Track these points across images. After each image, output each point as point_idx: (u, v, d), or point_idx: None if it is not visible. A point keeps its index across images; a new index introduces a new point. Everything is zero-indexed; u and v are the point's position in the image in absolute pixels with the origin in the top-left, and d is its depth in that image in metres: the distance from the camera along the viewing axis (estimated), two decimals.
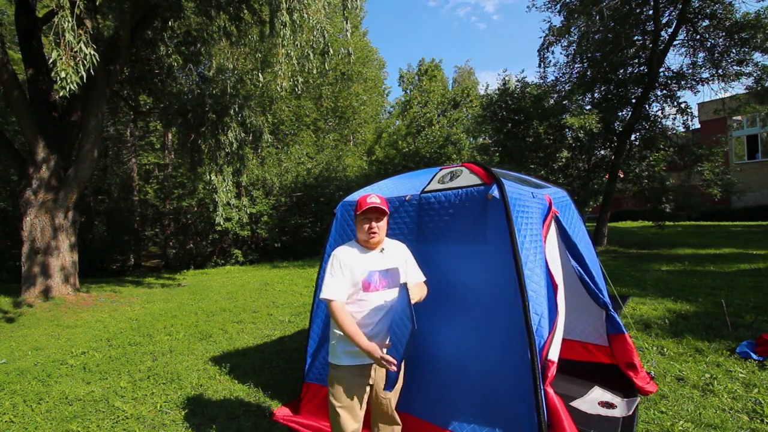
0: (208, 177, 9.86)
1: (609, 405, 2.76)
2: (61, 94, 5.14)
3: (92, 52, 5.32)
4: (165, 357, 4.31)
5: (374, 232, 1.99)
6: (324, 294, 1.92)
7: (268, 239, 14.53)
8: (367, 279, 1.96)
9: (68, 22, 5.01)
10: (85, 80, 5.36)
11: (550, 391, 1.98)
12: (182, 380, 3.65)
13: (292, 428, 2.73)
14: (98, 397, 3.40)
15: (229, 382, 3.57)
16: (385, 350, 1.82)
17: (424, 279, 2.16)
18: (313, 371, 2.86)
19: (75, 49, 5.16)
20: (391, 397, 2.06)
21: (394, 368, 1.75)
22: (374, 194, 2.05)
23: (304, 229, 15.07)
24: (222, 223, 10.55)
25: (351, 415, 1.96)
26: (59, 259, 7.46)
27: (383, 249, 2.06)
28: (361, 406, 1.98)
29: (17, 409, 3.24)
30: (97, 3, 6.49)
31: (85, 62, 5.25)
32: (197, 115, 9.36)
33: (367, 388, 2.00)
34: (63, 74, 5.03)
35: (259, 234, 14.16)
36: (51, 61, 5.11)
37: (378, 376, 2.02)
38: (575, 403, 2.81)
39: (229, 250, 14.15)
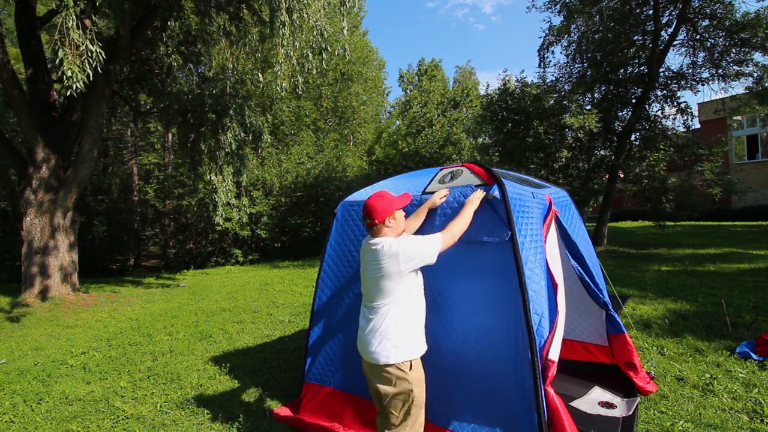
0: (208, 177, 9.86)
1: (609, 405, 2.76)
2: (68, 93, 5.13)
3: (98, 50, 5.31)
4: (165, 357, 4.31)
5: None
6: (436, 243, 1.95)
7: (268, 239, 14.52)
8: None
9: (72, 20, 5.01)
10: (91, 78, 5.35)
11: (550, 391, 1.98)
12: (182, 380, 3.65)
13: (292, 428, 2.73)
14: (98, 397, 3.40)
15: (229, 382, 3.57)
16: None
17: None
18: (313, 371, 2.86)
19: (81, 48, 5.15)
20: None
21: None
22: (385, 190, 2.16)
23: (304, 229, 15.06)
24: (222, 223, 10.54)
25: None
26: (58, 259, 7.45)
27: None
28: None
29: (17, 409, 3.24)
30: (97, 3, 6.48)
31: (91, 60, 5.25)
32: (197, 115, 9.35)
33: None
34: (69, 73, 5.02)
35: (259, 234, 14.16)
36: (58, 60, 5.10)
37: None
38: (575, 403, 2.80)
39: (229, 250, 14.14)
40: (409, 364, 1.91)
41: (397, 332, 1.92)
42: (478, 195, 2.19)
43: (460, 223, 2.06)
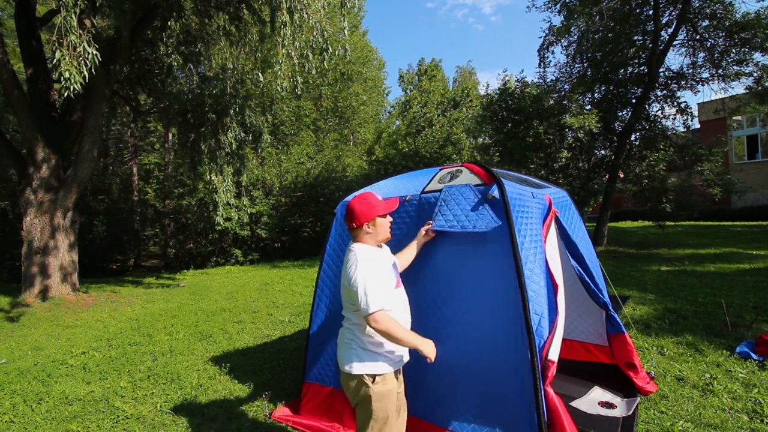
0: (208, 177, 9.87)
1: (609, 405, 2.76)
2: (65, 94, 5.13)
3: (95, 52, 5.32)
4: (165, 357, 4.31)
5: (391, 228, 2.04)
6: (374, 306, 1.70)
7: (268, 239, 14.53)
8: (396, 276, 1.95)
9: (72, 21, 5.01)
10: (88, 80, 5.35)
11: (550, 391, 1.98)
12: (182, 380, 3.65)
13: (292, 428, 2.73)
14: (98, 397, 3.40)
15: (229, 382, 3.57)
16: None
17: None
18: (313, 371, 2.86)
19: (78, 49, 5.16)
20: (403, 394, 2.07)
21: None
22: (372, 192, 2.05)
23: (304, 229, 15.06)
24: (222, 223, 10.55)
25: (397, 420, 1.89)
26: (58, 259, 7.45)
27: (381, 244, 2.05)
28: None
29: (17, 409, 3.24)
30: (97, 3, 6.48)
31: (87, 62, 5.25)
32: (197, 115, 9.35)
33: None
34: (67, 74, 5.02)
35: (259, 234, 14.17)
36: (55, 61, 5.10)
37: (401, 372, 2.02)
38: (575, 403, 2.80)
39: (229, 250, 14.15)
40: (372, 378, 1.81)
41: (362, 345, 1.84)
42: (430, 349, 1.84)
43: (397, 333, 1.74)
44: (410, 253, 2.29)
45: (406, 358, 1.95)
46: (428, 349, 1.82)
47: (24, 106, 7.31)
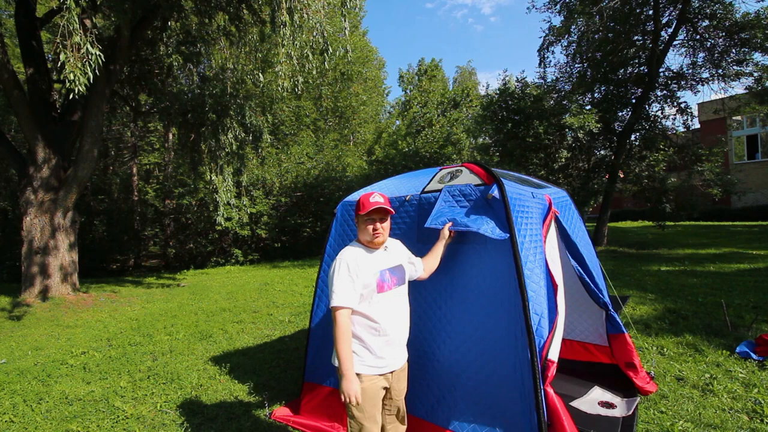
0: (209, 177, 9.88)
1: (609, 405, 2.76)
2: (71, 96, 5.14)
3: (98, 53, 5.32)
4: (165, 357, 4.31)
5: (378, 233, 1.90)
6: (336, 301, 1.76)
7: (268, 239, 14.54)
8: (380, 279, 1.88)
9: (73, 23, 5.01)
10: (91, 81, 5.36)
11: (550, 391, 1.98)
12: (182, 380, 3.65)
13: (292, 428, 2.73)
14: (98, 397, 3.40)
15: (229, 382, 3.57)
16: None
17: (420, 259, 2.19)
18: (313, 371, 2.86)
19: (82, 51, 5.16)
20: (403, 398, 2.04)
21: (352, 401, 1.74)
22: (377, 193, 1.97)
23: (304, 229, 15.08)
24: (222, 223, 10.57)
25: (375, 424, 1.88)
26: (58, 259, 7.46)
27: (386, 247, 2.02)
28: (380, 411, 1.94)
29: (17, 409, 3.24)
30: (98, 3, 6.47)
31: (91, 63, 5.25)
32: (197, 115, 9.36)
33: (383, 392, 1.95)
34: (71, 76, 5.02)
35: (259, 234, 14.17)
36: (60, 63, 5.10)
37: (395, 377, 1.98)
38: (575, 403, 2.81)
39: (229, 250, 14.16)
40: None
41: None
42: (348, 388, 1.73)
43: (338, 340, 1.73)
44: (434, 257, 2.21)
45: (383, 368, 1.89)
46: (346, 385, 1.70)
47: (24, 106, 7.32)
